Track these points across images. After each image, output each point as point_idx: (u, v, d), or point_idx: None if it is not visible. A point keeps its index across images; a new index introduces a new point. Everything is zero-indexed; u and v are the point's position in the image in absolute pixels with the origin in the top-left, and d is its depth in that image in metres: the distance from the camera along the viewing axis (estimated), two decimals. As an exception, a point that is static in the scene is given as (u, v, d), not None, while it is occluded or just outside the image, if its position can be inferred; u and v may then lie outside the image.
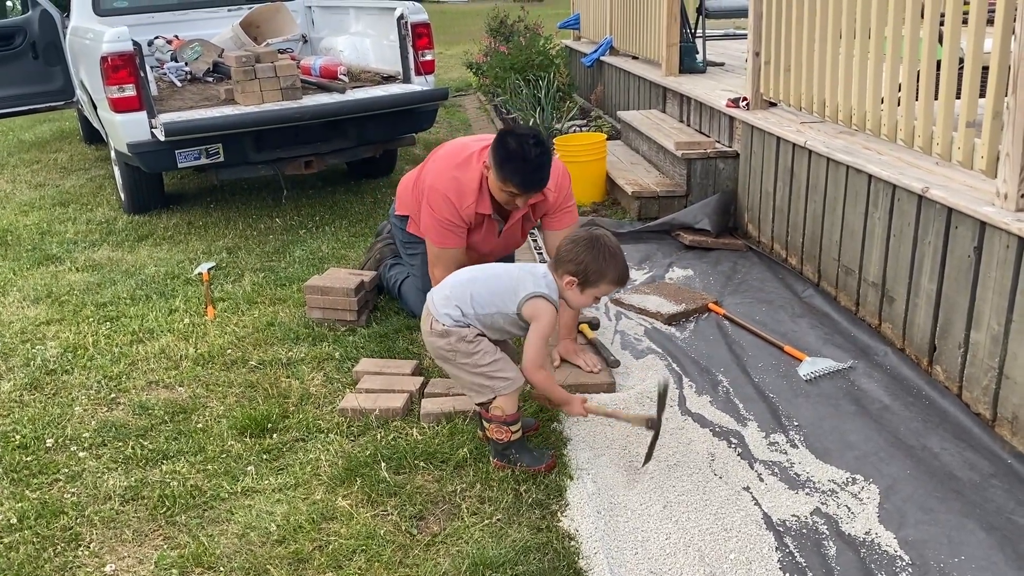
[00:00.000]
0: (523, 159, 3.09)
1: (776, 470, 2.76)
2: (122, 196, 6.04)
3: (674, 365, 3.48)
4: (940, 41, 3.20)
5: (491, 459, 2.82)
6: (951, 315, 3.10)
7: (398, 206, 3.86)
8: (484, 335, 2.76)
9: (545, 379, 2.79)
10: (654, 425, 2.73)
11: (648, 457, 2.75)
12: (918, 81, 3.34)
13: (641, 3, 7.05)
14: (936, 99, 3.24)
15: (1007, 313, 2.79)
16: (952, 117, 3.16)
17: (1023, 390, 2.74)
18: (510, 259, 3.85)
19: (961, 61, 3.12)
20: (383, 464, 2.83)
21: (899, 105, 3.51)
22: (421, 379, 3.35)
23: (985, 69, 2.95)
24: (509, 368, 2.76)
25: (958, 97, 3.11)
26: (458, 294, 2.78)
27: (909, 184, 3.27)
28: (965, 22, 3.07)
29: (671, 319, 3.89)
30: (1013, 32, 2.71)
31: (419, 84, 5.74)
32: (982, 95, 2.98)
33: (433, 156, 3.60)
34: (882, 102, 3.65)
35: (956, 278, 3.06)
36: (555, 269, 2.76)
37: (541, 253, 4.49)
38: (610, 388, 3.30)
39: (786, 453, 2.86)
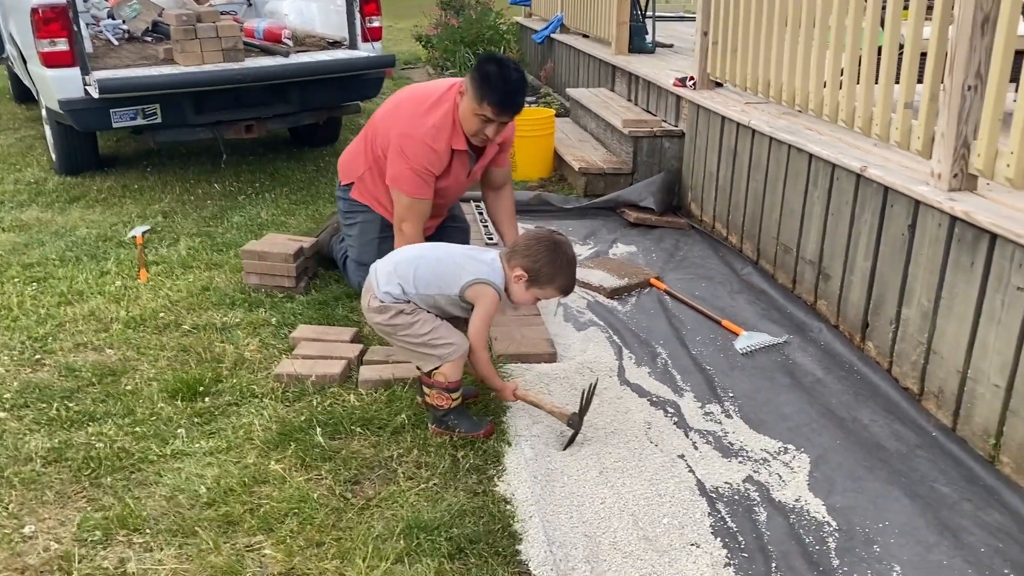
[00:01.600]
0: (504, 79, 3.14)
1: (711, 439, 2.80)
2: (53, 156, 5.82)
3: (615, 337, 3.50)
4: (881, 26, 3.26)
5: (429, 425, 2.80)
6: (884, 292, 3.17)
7: (342, 176, 3.78)
8: (422, 308, 2.74)
9: (485, 361, 2.78)
10: (575, 424, 2.75)
11: (566, 447, 2.74)
12: (859, 65, 3.40)
13: (592, -19, 7.04)
14: (876, 82, 3.30)
15: (937, 290, 2.86)
16: (891, 100, 3.22)
17: (949, 365, 2.82)
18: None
19: (901, 47, 3.18)
20: (318, 429, 2.78)
21: (841, 88, 3.56)
22: (360, 347, 3.30)
23: (923, 55, 3.01)
24: (452, 334, 2.74)
25: (897, 81, 3.17)
26: (402, 271, 2.75)
27: (848, 163, 3.33)
28: (906, 8, 3.13)
29: (613, 293, 3.91)
30: (951, 18, 2.77)
31: (365, 51, 5.64)
32: (920, 79, 3.05)
33: (392, 111, 3.48)
34: (825, 85, 3.70)
35: (890, 256, 3.13)
36: (508, 259, 2.74)
37: (492, 238, 4.46)
38: (551, 359, 3.30)
39: (721, 423, 2.90)
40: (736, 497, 2.51)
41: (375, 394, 3.01)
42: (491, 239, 4.45)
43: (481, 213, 4.82)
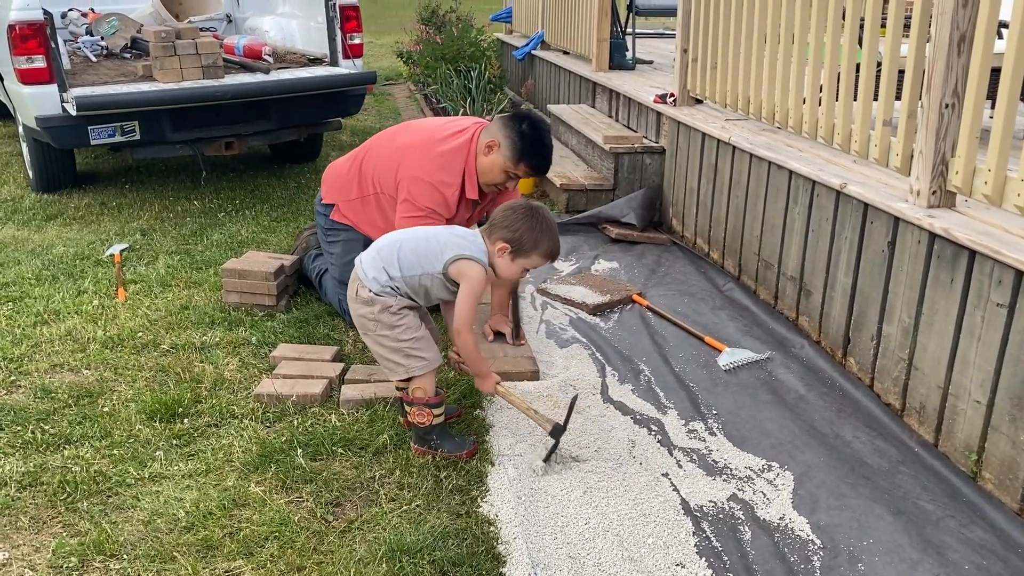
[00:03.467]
0: (542, 143, 3.28)
1: (695, 457, 2.79)
2: (30, 174, 5.75)
3: (598, 354, 3.49)
4: (860, 44, 3.29)
5: (412, 445, 2.77)
6: (865, 308, 3.19)
7: (324, 194, 3.77)
8: (410, 308, 2.71)
9: (470, 341, 2.71)
10: (558, 433, 2.72)
11: (547, 458, 2.71)
12: (838, 82, 3.43)
13: (573, -2, 7.08)
14: (855, 99, 3.33)
15: (917, 306, 2.88)
16: (870, 117, 3.25)
17: (931, 381, 2.83)
18: None
19: (879, 64, 3.21)
20: (299, 450, 2.75)
21: (820, 105, 3.59)
22: (341, 365, 3.27)
23: (901, 72, 3.04)
24: (428, 349, 2.72)
25: (876, 98, 3.20)
26: (386, 255, 2.72)
27: (828, 180, 3.35)
28: (884, 26, 3.16)
29: (596, 309, 3.90)
30: (928, 37, 2.80)
31: (346, 67, 5.63)
32: (898, 97, 3.08)
33: (399, 150, 3.46)
34: (804, 102, 3.73)
35: (870, 272, 3.14)
36: (488, 235, 2.71)
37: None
38: (534, 376, 3.29)
39: (704, 441, 2.89)
40: (721, 516, 2.50)
41: (357, 414, 2.98)
42: None
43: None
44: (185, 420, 2.94)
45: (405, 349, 2.68)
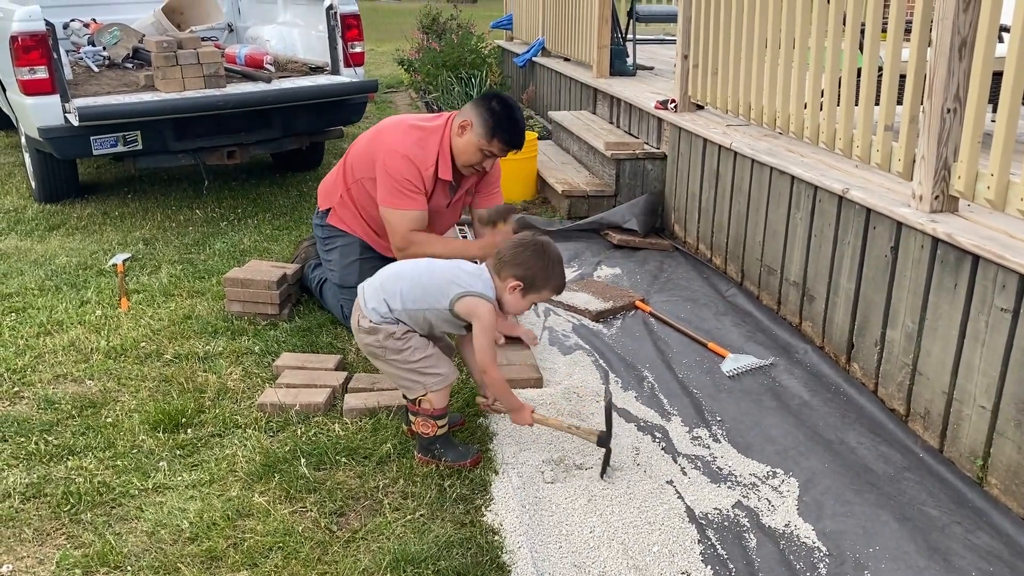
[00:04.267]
0: (513, 120, 3.38)
1: (699, 464, 2.78)
2: (32, 184, 5.76)
3: (601, 361, 3.48)
4: (860, 49, 3.29)
5: (415, 454, 2.77)
6: (868, 314, 3.18)
7: (320, 203, 3.83)
8: (414, 332, 2.71)
9: (499, 380, 2.72)
10: (604, 441, 2.70)
11: (603, 472, 2.69)
12: (839, 87, 3.43)
13: (573, 6, 7.08)
14: (856, 104, 3.33)
15: (921, 311, 2.87)
16: (871, 122, 3.25)
17: (935, 387, 2.82)
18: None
19: (880, 69, 3.21)
20: (303, 460, 2.74)
21: (821, 110, 3.59)
22: (344, 374, 3.27)
23: (903, 77, 3.04)
24: (442, 364, 2.71)
25: (877, 103, 3.20)
26: (389, 287, 2.71)
27: (830, 185, 3.35)
28: (885, 31, 3.16)
29: (599, 316, 3.90)
30: (929, 42, 2.80)
31: (348, 76, 5.64)
32: (900, 101, 3.08)
33: (374, 136, 3.59)
34: (805, 107, 3.73)
35: (873, 277, 3.14)
36: (497, 271, 2.70)
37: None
38: (537, 384, 3.29)
39: (709, 447, 2.88)
40: (726, 523, 2.49)
41: (360, 423, 2.98)
42: None
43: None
44: (188, 430, 2.94)
45: (418, 368, 2.67)
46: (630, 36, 6.95)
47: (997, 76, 2.59)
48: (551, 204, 5.66)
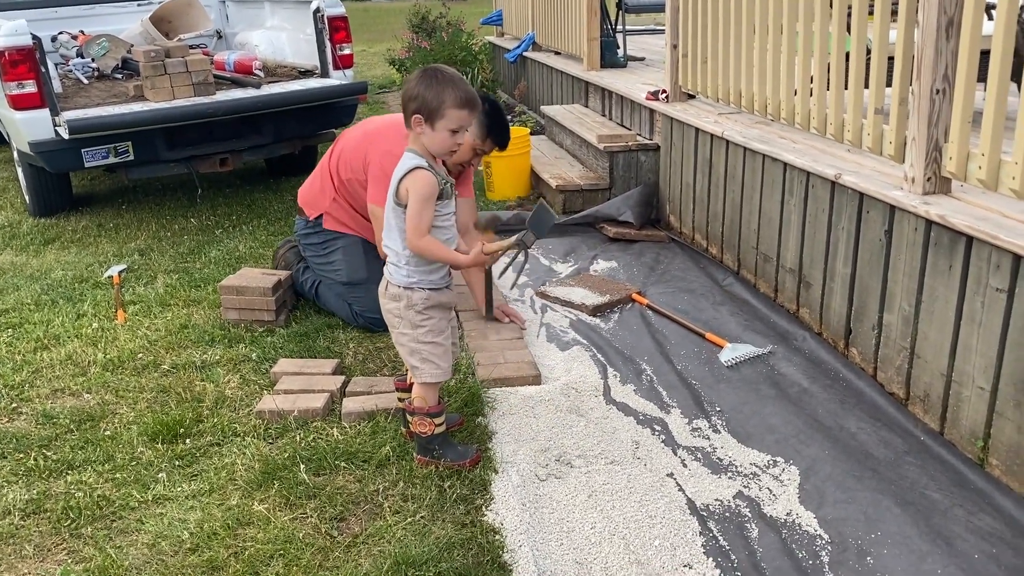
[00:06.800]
0: (503, 121, 3.60)
1: (699, 455, 2.78)
2: (26, 198, 5.76)
3: (599, 355, 3.47)
4: (848, 31, 3.27)
5: (415, 456, 2.76)
6: (865, 298, 3.17)
7: (309, 212, 3.84)
8: (436, 308, 2.66)
9: (431, 244, 2.56)
10: (524, 243, 2.68)
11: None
12: (829, 72, 3.41)
13: (562, -2, 7.06)
14: (846, 88, 3.31)
15: (917, 294, 2.86)
16: (861, 105, 3.23)
17: (934, 369, 2.81)
18: None
19: (868, 51, 3.19)
20: (302, 466, 2.74)
21: (811, 95, 3.57)
22: (342, 378, 3.26)
23: (891, 59, 3.02)
24: (443, 360, 2.69)
25: (866, 86, 3.18)
26: (390, 244, 2.69)
27: (823, 171, 3.33)
28: (871, 14, 3.14)
29: (596, 310, 3.89)
30: (916, 23, 2.78)
31: (337, 78, 5.62)
32: (889, 83, 3.06)
33: (363, 138, 3.68)
34: (795, 93, 3.71)
35: (869, 261, 3.12)
36: (406, 126, 2.58)
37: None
38: (535, 381, 3.27)
39: (709, 438, 2.87)
40: (727, 514, 2.49)
41: (359, 426, 2.97)
42: None
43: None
44: (187, 440, 2.94)
45: (422, 351, 2.66)
46: (620, 27, 6.92)
47: (985, 55, 2.57)
48: (546, 199, 5.64)
